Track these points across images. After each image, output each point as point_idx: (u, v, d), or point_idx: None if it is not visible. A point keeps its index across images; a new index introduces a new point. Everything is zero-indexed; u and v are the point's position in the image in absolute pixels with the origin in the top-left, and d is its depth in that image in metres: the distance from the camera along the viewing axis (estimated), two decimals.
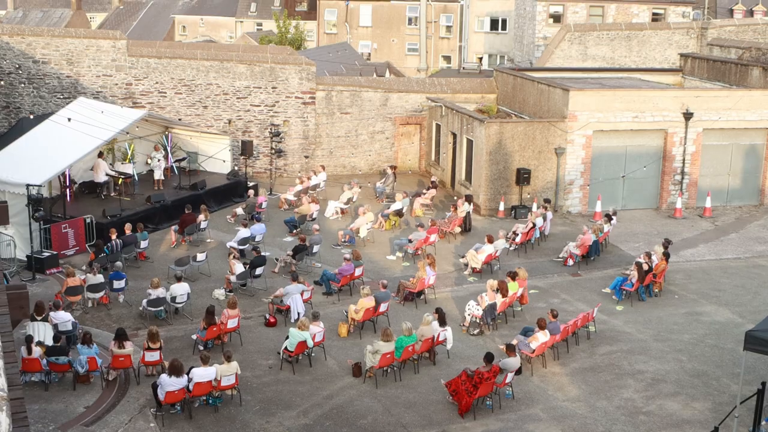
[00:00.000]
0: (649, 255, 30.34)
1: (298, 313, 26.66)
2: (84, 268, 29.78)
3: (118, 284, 28.36)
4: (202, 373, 21.33)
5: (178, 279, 27.83)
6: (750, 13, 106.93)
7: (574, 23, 58.03)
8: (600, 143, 40.28)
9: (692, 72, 51.57)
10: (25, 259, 30.84)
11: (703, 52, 53.42)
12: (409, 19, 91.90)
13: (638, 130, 40.49)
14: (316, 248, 32.45)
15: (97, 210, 34.81)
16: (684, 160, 40.99)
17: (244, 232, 33.32)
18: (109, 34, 45.44)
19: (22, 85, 43.80)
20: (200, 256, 31.09)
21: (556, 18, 64.19)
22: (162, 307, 27.19)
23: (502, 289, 27.24)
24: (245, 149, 42.77)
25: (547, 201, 37.99)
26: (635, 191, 41.23)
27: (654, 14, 65.02)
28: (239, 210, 38.06)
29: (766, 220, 40.04)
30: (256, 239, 33.70)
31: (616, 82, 47.30)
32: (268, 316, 27.28)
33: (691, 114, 40.22)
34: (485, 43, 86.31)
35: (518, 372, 22.79)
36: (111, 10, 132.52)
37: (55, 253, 31.31)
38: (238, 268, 29.41)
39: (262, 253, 31.00)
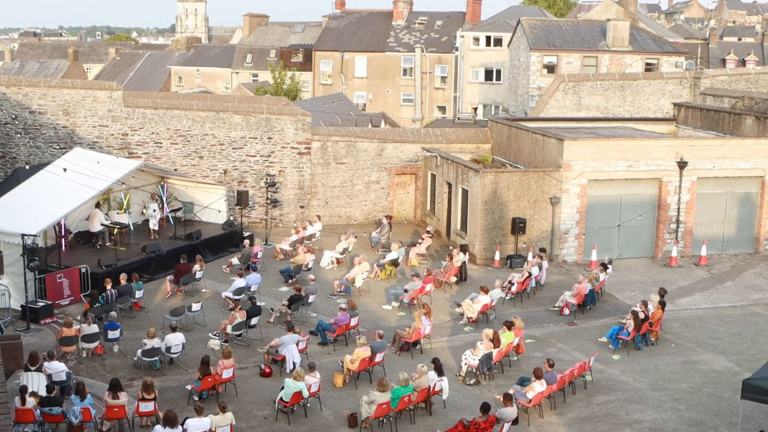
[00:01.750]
0: (645, 304, 30.27)
1: (294, 364, 26.51)
2: (79, 318, 29.67)
3: (112, 334, 28.22)
4: (196, 424, 21.16)
5: (173, 329, 27.71)
6: (742, 62, 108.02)
7: (568, 73, 58.43)
8: (595, 192, 40.38)
9: (686, 121, 51.86)
10: (20, 308, 30.74)
11: (697, 101, 53.77)
12: (404, 70, 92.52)
13: (633, 179, 40.62)
14: (311, 298, 32.38)
15: (93, 260, 34.75)
16: (679, 208, 41.09)
17: (239, 282, 33.26)
18: (105, 85, 45.70)
19: (19, 135, 43.95)
20: (195, 306, 30.98)
21: (550, 68, 64.62)
22: (157, 357, 27.03)
23: (498, 339, 27.13)
24: (241, 199, 42.83)
25: (542, 250, 37.99)
26: (631, 240, 41.26)
27: (647, 64, 65.52)
28: (235, 260, 38.02)
29: (762, 268, 40.04)
30: (252, 289, 33.62)
31: (610, 132, 47.53)
32: (263, 367, 27.12)
33: (686, 163, 40.40)
34: (480, 94, 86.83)
35: (515, 422, 22.62)
36: (108, 61, 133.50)
37: (49, 302, 31.19)
38: (239, 319, 29.30)
39: (258, 303, 30.91)
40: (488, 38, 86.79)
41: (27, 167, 40.97)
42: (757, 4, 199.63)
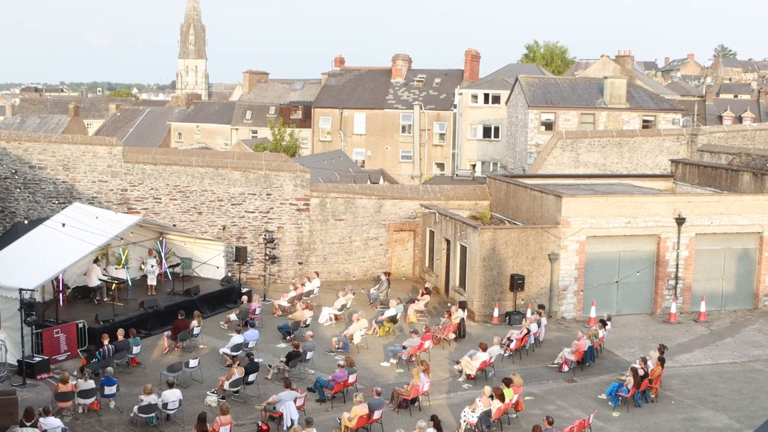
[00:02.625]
0: (644, 360, 30.14)
1: (292, 420, 26.33)
2: (75, 373, 29.48)
3: (109, 390, 28.04)
4: None
5: (170, 385, 27.54)
6: (739, 119, 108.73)
7: (565, 130, 58.77)
8: (593, 249, 40.40)
9: (683, 177, 52.07)
10: (16, 363, 30.57)
11: (694, 158, 54.03)
12: (403, 127, 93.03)
13: (631, 235, 40.67)
14: (309, 355, 32.23)
15: (90, 315, 34.65)
16: (677, 264, 41.09)
17: (237, 338, 33.13)
18: (105, 141, 45.89)
19: (18, 190, 44.06)
20: (193, 363, 30.81)
21: (548, 125, 64.99)
22: (153, 414, 26.84)
23: (502, 395, 26.98)
24: (239, 255, 42.84)
25: (541, 307, 37.92)
26: (629, 296, 41.19)
27: (644, 121, 65.89)
28: (233, 316, 37.91)
29: (762, 324, 39.93)
30: (250, 345, 33.47)
31: (608, 188, 47.69)
32: (260, 424, 26.92)
33: (684, 219, 40.49)
34: (478, 151, 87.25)
35: None
36: (108, 117, 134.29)
37: (46, 358, 31.05)
38: (236, 375, 29.14)
39: (255, 360, 30.76)
40: (486, 95, 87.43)
41: (26, 222, 40.99)
42: (753, 61, 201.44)
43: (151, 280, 39.91)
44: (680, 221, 40.54)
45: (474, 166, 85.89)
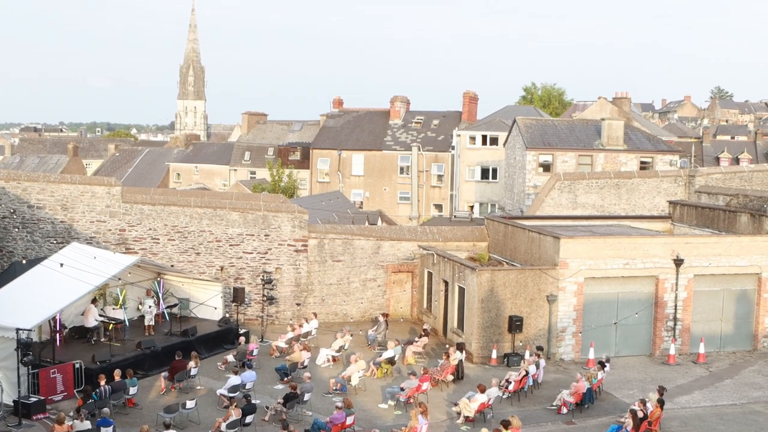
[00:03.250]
0: (643, 402, 30.02)
1: None
2: (71, 414, 29.33)
3: (105, 431, 27.87)
4: None
5: (167, 426, 27.41)
6: (736, 160, 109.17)
7: (563, 172, 58.92)
8: (592, 290, 40.35)
9: (681, 219, 52.13)
10: (12, 404, 30.41)
11: (692, 199, 54.14)
12: (401, 168, 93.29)
13: (629, 276, 40.65)
14: (307, 396, 32.09)
15: (87, 355, 34.53)
16: (676, 306, 41.04)
17: (234, 380, 33.00)
18: (104, 181, 45.96)
19: (16, 229, 44.04)
20: (190, 404, 30.66)
21: (546, 167, 65.17)
22: None
23: None
24: (237, 296, 42.78)
25: (539, 348, 37.82)
26: (628, 338, 41.09)
27: (642, 162, 66.10)
28: (230, 357, 37.77)
29: (761, 365, 39.80)
30: (247, 387, 33.33)
31: (606, 230, 47.71)
32: None
33: (682, 260, 40.49)
34: (476, 192, 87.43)
35: None
36: (107, 157, 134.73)
37: (42, 398, 30.89)
38: (233, 417, 28.99)
39: (253, 401, 30.62)
40: (484, 137, 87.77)
41: (24, 261, 40.98)
42: (749, 103, 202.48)
43: (149, 321, 39.84)
44: (678, 262, 40.54)
45: (472, 207, 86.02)
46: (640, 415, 29.15)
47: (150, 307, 39.98)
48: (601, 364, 35.62)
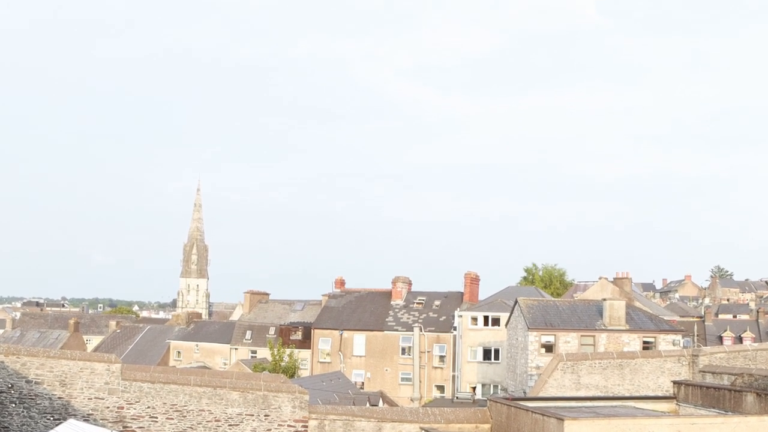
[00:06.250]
0: None
1: None
2: None
3: None
4: None
5: None
6: (739, 339, 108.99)
7: (566, 352, 58.64)
8: None
9: (686, 399, 51.46)
10: None
11: (696, 378, 53.67)
12: (403, 349, 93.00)
13: None
14: None
15: None
16: None
17: None
18: (104, 357, 45.70)
19: (13, 404, 43.52)
20: None
21: (548, 347, 64.96)
22: None
23: None
24: None
25: None
26: None
27: (645, 342, 65.92)
28: None
29: None
30: None
31: (610, 411, 47.03)
32: None
33: None
34: (478, 373, 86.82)
35: None
36: (108, 334, 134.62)
37: None
38: None
39: None
40: (486, 318, 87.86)
41: None
42: (749, 282, 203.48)
43: None
44: None
45: (474, 388, 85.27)
46: None
47: None
48: None
